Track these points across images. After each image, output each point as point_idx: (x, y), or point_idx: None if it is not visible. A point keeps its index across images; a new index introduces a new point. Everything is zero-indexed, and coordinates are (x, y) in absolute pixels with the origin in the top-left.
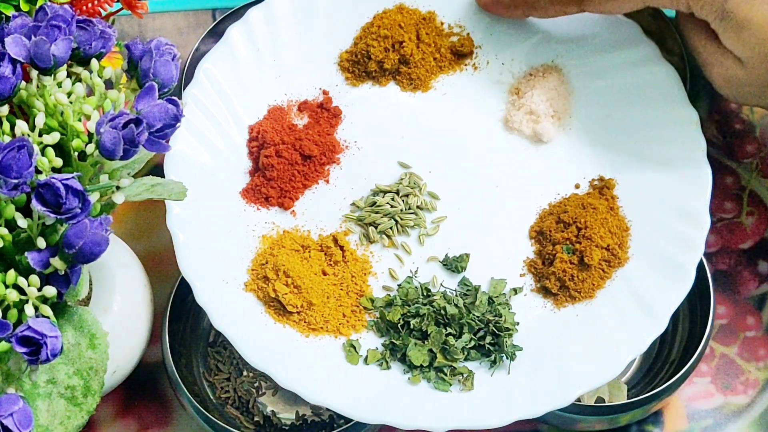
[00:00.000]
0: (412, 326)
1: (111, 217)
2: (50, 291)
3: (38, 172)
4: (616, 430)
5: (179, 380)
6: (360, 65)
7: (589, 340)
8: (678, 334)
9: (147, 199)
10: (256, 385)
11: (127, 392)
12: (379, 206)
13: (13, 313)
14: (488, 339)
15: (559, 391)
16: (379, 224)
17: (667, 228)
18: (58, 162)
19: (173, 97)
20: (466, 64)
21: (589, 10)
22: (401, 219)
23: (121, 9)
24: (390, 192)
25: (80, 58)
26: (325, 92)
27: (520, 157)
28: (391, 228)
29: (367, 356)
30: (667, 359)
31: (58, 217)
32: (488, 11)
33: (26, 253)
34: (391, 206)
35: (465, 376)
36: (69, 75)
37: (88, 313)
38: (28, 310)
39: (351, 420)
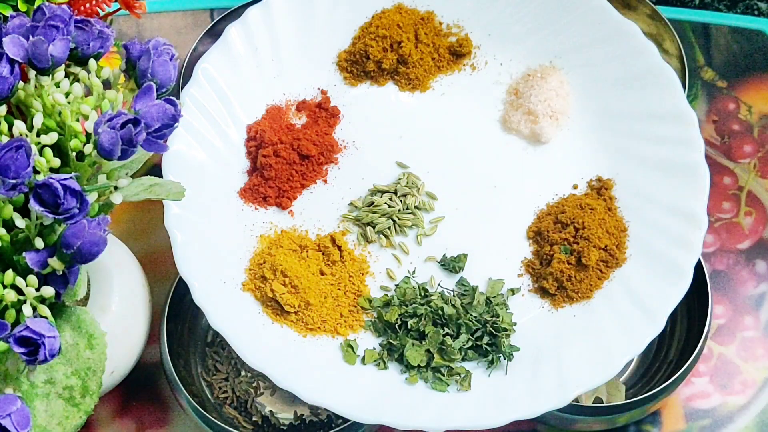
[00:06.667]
0: (409, 326)
1: (109, 217)
2: (48, 291)
3: (36, 172)
4: (614, 431)
5: (177, 380)
6: (358, 65)
7: (587, 341)
8: (676, 335)
9: (145, 199)
10: (254, 385)
11: (125, 392)
12: (377, 206)
13: (11, 314)
14: (486, 339)
15: (556, 392)
16: (376, 224)
17: (664, 228)
18: (56, 162)
19: (171, 97)
20: (464, 64)
21: None
22: (399, 219)
23: (119, 9)
24: (388, 192)
25: (78, 58)
26: (323, 92)
27: (518, 158)
28: (388, 228)
29: (364, 356)
30: (665, 359)
31: (56, 217)
32: None
33: (24, 254)
34: (389, 206)
35: (462, 376)
36: (67, 75)
37: (86, 313)
38: (26, 310)
39: (349, 420)
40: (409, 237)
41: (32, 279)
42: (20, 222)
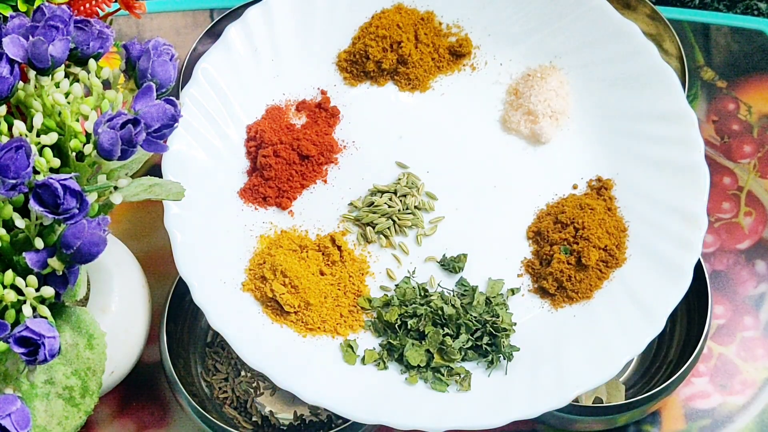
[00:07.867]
0: (409, 326)
1: (109, 217)
2: (48, 291)
3: (36, 172)
4: (614, 431)
5: (177, 380)
6: (358, 65)
7: (587, 341)
8: (675, 335)
9: (145, 199)
10: (254, 385)
11: (125, 392)
12: (376, 206)
13: (11, 314)
14: (485, 339)
15: (556, 392)
16: (376, 224)
17: (664, 228)
18: (56, 162)
19: (171, 97)
20: (464, 65)
21: None
22: (399, 219)
23: (119, 9)
24: (388, 192)
25: (78, 58)
26: (323, 92)
27: (518, 158)
28: (388, 228)
29: (364, 356)
30: (665, 359)
31: (56, 217)
32: None
33: (24, 254)
34: (389, 206)
35: (462, 376)
36: (67, 75)
37: (86, 313)
38: (26, 310)
39: (349, 420)
40: (409, 237)
41: (32, 279)
42: (20, 222)
